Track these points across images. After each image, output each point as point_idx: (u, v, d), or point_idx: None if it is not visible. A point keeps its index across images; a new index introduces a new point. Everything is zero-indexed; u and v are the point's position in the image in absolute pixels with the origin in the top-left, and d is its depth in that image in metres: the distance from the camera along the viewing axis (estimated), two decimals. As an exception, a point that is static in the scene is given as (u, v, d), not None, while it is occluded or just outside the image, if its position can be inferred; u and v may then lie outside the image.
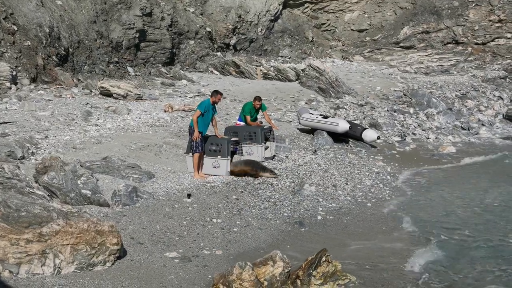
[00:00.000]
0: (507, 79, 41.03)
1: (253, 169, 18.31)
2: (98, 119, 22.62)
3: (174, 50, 35.66)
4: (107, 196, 15.06)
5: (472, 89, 37.14)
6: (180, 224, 14.04)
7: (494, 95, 36.63)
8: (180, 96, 28.44)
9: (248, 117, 20.71)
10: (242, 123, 20.88)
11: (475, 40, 43.94)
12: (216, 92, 18.17)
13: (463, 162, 23.70)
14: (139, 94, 26.94)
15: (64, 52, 28.84)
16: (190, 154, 18.07)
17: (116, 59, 31.91)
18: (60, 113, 22.61)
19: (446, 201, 18.21)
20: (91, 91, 27.03)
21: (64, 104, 24.15)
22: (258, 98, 20.95)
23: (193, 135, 17.68)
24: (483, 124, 30.53)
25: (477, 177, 21.24)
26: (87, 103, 24.59)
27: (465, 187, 19.73)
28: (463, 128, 29.38)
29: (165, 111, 24.70)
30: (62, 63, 28.70)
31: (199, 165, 17.92)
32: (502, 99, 36.16)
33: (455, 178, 21.06)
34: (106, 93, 26.54)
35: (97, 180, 15.79)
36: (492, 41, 43.81)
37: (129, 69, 32.17)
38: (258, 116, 21.19)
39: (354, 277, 12.05)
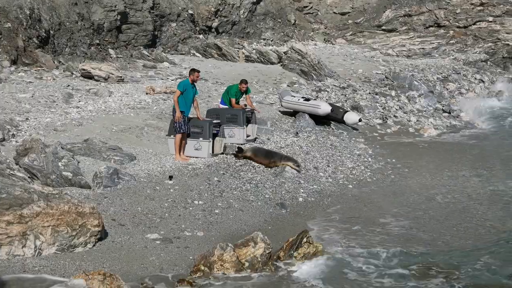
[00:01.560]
0: (488, 62, 41.23)
1: (272, 161, 18.21)
2: (79, 101, 22.49)
3: (156, 33, 35.48)
4: (88, 178, 15.03)
5: (453, 72, 37.27)
6: (161, 206, 14.05)
7: (475, 78, 36.83)
8: (162, 79, 28.33)
9: (233, 100, 20.68)
10: (224, 106, 20.86)
11: (457, 24, 44.05)
12: (193, 70, 18.09)
13: (444, 145, 23.80)
14: (121, 77, 26.80)
15: (45, 34, 28.62)
16: (172, 136, 18.04)
17: (97, 41, 31.72)
18: (41, 95, 22.46)
19: (426, 184, 18.30)
20: (72, 73, 26.85)
21: (45, 86, 23.99)
22: (244, 81, 20.92)
23: (175, 116, 17.66)
24: (464, 107, 30.66)
25: (457, 160, 21.35)
26: (68, 85, 24.44)
27: (445, 170, 19.83)
28: (444, 111, 29.49)
29: (146, 93, 24.60)
30: (43, 45, 28.48)
31: (181, 147, 17.87)
32: (483, 82, 36.36)
33: (436, 160, 21.17)
34: (88, 75, 26.37)
35: (78, 162, 15.75)
36: (473, 24, 43.94)
37: (111, 51, 31.99)
38: (241, 99, 21.17)
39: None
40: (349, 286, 11.18)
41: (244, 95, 20.98)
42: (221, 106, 21.03)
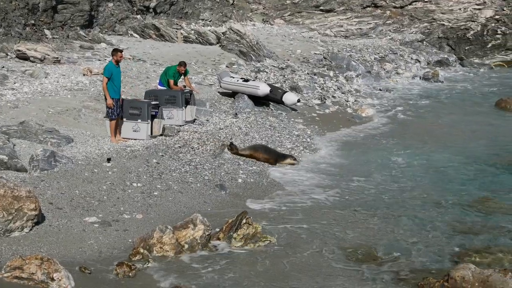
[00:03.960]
0: (424, 42, 41.76)
1: (271, 158, 18.11)
2: (15, 83, 22.08)
3: (93, 13, 34.96)
4: (24, 161, 14.81)
5: (390, 52, 37.64)
6: (99, 189, 13.95)
7: (411, 58, 37.28)
8: (99, 60, 27.97)
9: (172, 81, 20.58)
10: (163, 87, 20.76)
11: (393, 4, 44.45)
12: (115, 51, 17.88)
13: (380, 124, 24.10)
14: (57, 58, 26.39)
15: (-23, 14, 28.02)
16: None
17: (32, 22, 31.12)
18: (-25, 77, 22.03)
19: (363, 160, 18.54)
20: (7, 55, 26.34)
21: (-22, 67, 23.54)
22: (183, 64, 20.84)
23: (106, 102, 17.48)
24: (400, 87, 31.09)
25: (393, 137, 21.67)
26: (3, 67, 23.98)
27: (383, 148, 20.11)
28: (381, 90, 29.83)
29: (84, 74, 24.28)
30: (-24, 25, 27.89)
31: (117, 129, 17.73)
32: (419, 62, 36.86)
33: (373, 140, 21.44)
34: (23, 57, 25.90)
35: (14, 145, 15.51)
36: (409, 4, 44.40)
37: (47, 32, 31.44)
38: (179, 80, 21.08)
39: (274, 239, 12.22)
40: (283, 267, 11.27)
41: (182, 77, 20.90)
42: (159, 87, 20.93)
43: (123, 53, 18.14)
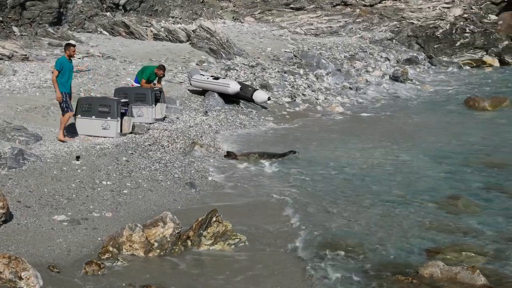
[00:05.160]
0: (394, 40, 42.03)
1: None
2: (-18, 81, 21.92)
3: (62, 10, 34.71)
4: (-8, 160, 14.68)
5: (360, 50, 37.86)
6: (68, 187, 13.84)
7: (381, 56, 37.52)
8: (68, 57, 27.81)
9: (144, 80, 20.55)
10: (138, 85, 20.72)
11: (363, 2, 44.68)
12: (68, 45, 17.51)
13: (350, 121, 24.20)
14: (25, 55, 26.19)
15: None
16: (79, 116, 17.82)
17: (0, 19, 30.86)
18: None
19: (332, 157, 18.57)
20: (-26, 52, 26.10)
21: None
22: (162, 68, 20.86)
23: (56, 96, 17.27)
24: (370, 85, 31.25)
25: (363, 135, 21.75)
26: (-30, 64, 23.79)
27: (352, 147, 20.16)
28: (351, 89, 29.99)
29: (52, 72, 24.10)
30: None
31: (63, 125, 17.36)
32: (389, 60, 37.09)
33: (342, 136, 21.49)
34: (-10, 54, 25.69)
35: (-19, 143, 15.35)
36: (379, 2, 44.65)
37: (15, 29, 31.17)
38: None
39: (244, 237, 12.20)
40: (251, 264, 11.27)
41: (157, 79, 20.81)
42: (135, 84, 20.92)
43: (75, 47, 17.84)
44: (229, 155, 17.88)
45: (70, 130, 17.92)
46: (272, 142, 20.09)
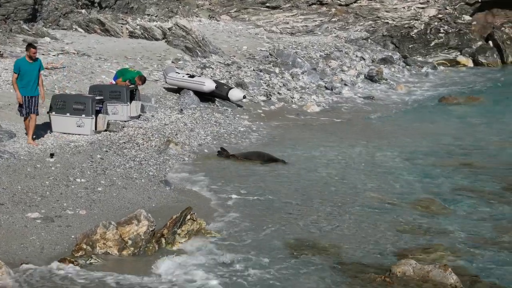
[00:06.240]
0: (369, 40, 42.22)
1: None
2: (-45, 78, 21.76)
3: (37, 7, 34.50)
4: (-35, 157, 14.61)
5: (335, 49, 37.98)
6: (42, 184, 13.80)
7: (356, 56, 37.67)
8: (43, 54, 27.60)
9: (120, 80, 20.58)
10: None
11: (338, 1, 44.80)
12: (29, 46, 16.81)
13: (325, 121, 24.28)
14: (0, 52, 26.03)
15: None
16: (53, 113, 17.74)
17: (-26, 15, 30.67)
18: None
19: (308, 156, 18.64)
20: None
21: None
22: (143, 79, 20.87)
23: (16, 97, 16.69)
24: (345, 84, 31.39)
25: (338, 134, 21.85)
26: None
27: (327, 145, 20.24)
28: (326, 88, 30.09)
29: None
30: None
31: (31, 129, 16.74)
32: (364, 59, 37.25)
33: (317, 135, 21.57)
34: (-36, 50, 25.53)
35: (-46, 140, 15.27)
36: (354, 2, 44.80)
37: (-11, 25, 30.99)
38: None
39: (219, 234, 12.24)
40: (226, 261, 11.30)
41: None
42: (114, 82, 20.93)
43: (36, 49, 17.18)
44: (221, 152, 17.93)
45: (43, 128, 17.84)
46: (248, 141, 20.17)
